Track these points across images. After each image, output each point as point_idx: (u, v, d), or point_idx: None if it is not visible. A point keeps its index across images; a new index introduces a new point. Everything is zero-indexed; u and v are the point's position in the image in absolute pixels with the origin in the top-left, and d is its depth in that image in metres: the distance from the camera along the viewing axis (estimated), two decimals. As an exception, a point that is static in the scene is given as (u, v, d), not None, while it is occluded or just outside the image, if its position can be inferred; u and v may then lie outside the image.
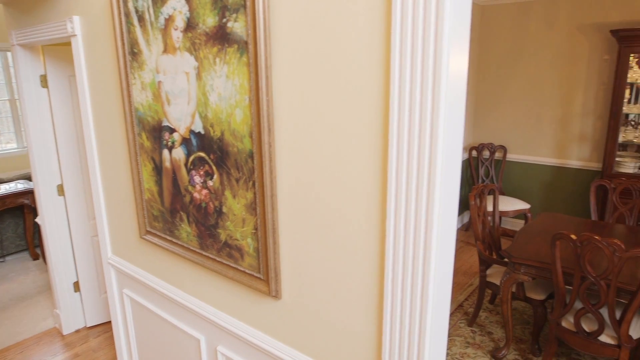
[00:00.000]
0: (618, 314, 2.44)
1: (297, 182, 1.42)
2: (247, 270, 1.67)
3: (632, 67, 4.28)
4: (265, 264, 1.58)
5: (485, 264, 3.23)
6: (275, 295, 1.59)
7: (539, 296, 2.94)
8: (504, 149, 5.15)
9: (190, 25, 1.59)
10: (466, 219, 5.60)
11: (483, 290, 3.30)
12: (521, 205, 4.77)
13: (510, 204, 4.76)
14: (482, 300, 3.33)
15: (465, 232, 5.31)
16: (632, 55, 4.17)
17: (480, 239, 3.20)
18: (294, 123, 1.38)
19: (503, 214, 4.73)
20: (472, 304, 3.69)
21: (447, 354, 3.07)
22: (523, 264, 2.76)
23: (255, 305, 1.72)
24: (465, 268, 4.37)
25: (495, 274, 3.21)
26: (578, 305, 2.58)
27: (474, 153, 5.17)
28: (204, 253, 1.85)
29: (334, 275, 1.40)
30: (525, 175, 5.15)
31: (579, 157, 4.81)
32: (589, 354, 2.75)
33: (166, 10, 1.66)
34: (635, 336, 2.50)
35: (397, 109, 1.11)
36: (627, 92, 4.38)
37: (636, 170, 4.36)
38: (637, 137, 4.42)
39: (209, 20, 1.51)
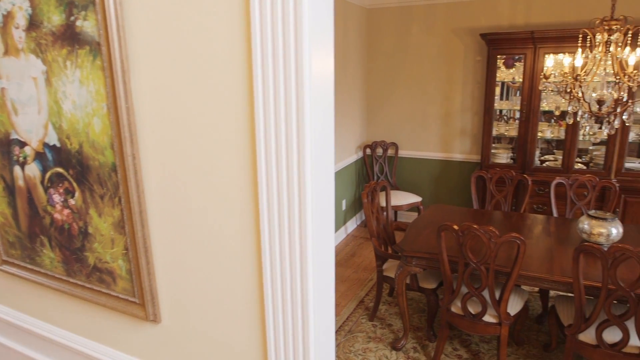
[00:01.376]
0: (497, 295, 2.64)
1: (168, 196, 1.31)
2: (121, 295, 1.52)
3: (500, 68, 4.70)
4: (139, 286, 1.44)
5: (381, 259, 3.33)
6: (154, 319, 1.46)
7: (430, 285, 3.10)
8: (395, 145, 5.40)
9: (33, 24, 1.39)
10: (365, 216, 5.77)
11: (381, 285, 3.40)
12: (414, 198, 5.03)
13: (403, 199, 4.99)
14: (380, 294, 3.43)
15: (364, 229, 5.47)
16: (499, 56, 4.58)
17: (375, 235, 3.29)
18: (159, 133, 1.26)
19: (397, 208, 4.95)
20: (372, 299, 3.79)
21: (350, 351, 3.11)
22: (414, 257, 2.88)
23: (134, 332, 1.56)
24: (366, 264, 4.49)
25: (391, 268, 3.32)
26: (464, 290, 2.74)
27: (368, 151, 5.34)
28: (71, 280, 1.64)
29: (214, 293, 1.31)
30: (416, 170, 5.44)
31: (461, 150, 5.19)
32: (476, 334, 2.95)
33: (3, 5, 1.44)
34: (512, 313, 2.73)
35: (262, 113, 1.05)
36: (498, 89, 4.82)
37: (508, 161, 4.81)
38: (507, 131, 4.88)
39: (54, 18, 1.33)
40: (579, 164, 4.65)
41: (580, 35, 2.77)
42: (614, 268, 2.23)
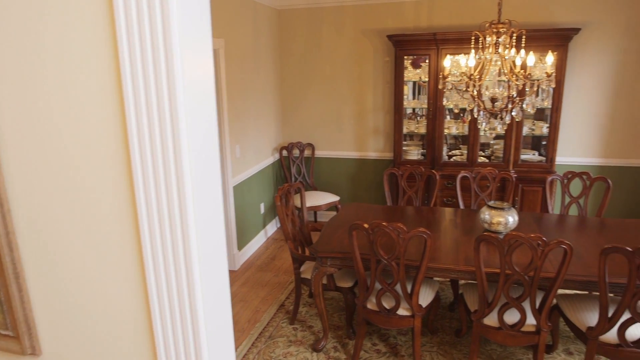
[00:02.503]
0: (409, 288, 2.73)
1: (41, 214, 1.17)
2: (-9, 329, 1.34)
3: (407, 68, 4.89)
4: (12, 317, 1.28)
5: (298, 261, 3.31)
6: (32, 352, 1.30)
7: (347, 284, 3.13)
8: (312, 146, 5.42)
9: None
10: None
11: (299, 288, 3.38)
12: (332, 198, 5.08)
13: (321, 199, 5.02)
14: (299, 297, 3.41)
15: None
16: (405, 57, 4.76)
17: (291, 237, 3.26)
18: (23, 142, 1.12)
19: (316, 208, 4.97)
20: (293, 302, 3.76)
21: (270, 358, 3.06)
22: (329, 257, 2.89)
23: (12, 369, 1.39)
24: (286, 266, 4.46)
25: (309, 270, 3.31)
26: (378, 286, 2.80)
27: (285, 152, 5.32)
28: None
29: (98, 317, 1.20)
30: (333, 170, 5.51)
31: (375, 148, 5.34)
32: (391, 328, 3.03)
33: None
34: (424, 304, 2.83)
35: (135, 129, 0.97)
36: (406, 89, 5.01)
37: (419, 157, 5.02)
38: (417, 128, 5.09)
39: None
40: (482, 158, 4.96)
41: (473, 37, 2.95)
42: (510, 254, 2.38)
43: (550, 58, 2.80)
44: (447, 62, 2.95)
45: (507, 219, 3.01)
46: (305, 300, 3.76)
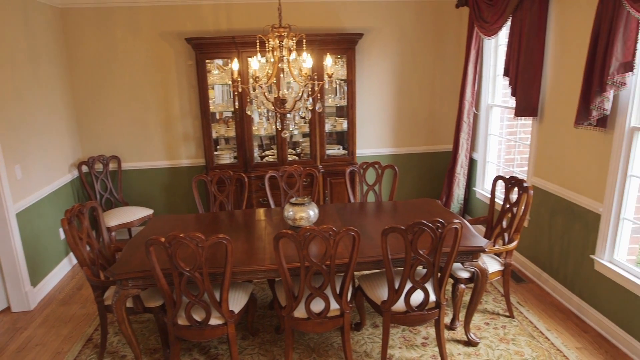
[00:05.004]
0: (218, 297, 2.68)
1: None
2: None
3: (211, 71, 4.82)
4: None
5: (100, 288, 2.99)
6: None
7: (157, 303, 2.93)
8: (117, 159, 4.98)
9: None
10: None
11: (104, 317, 3.05)
12: (144, 212, 4.75)
13: (133, 214, 4.65)
14: (106, 328, 3.08)
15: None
16: (207, 60, 4.68)
17: (88, 263, 2.92)
18: None
19: (129, 225, 4.59)
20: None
21: (72, 403, 2.70)
22: (130, 278, 2.66)
23: None
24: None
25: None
26: (186, 300, 2.69)
27: (85, 168, 4.78)
28: None
29: None
30: (145, 182, 5.15)
31: (187, 155, 5.15)
32: (205, 340, 2.93)
33: None
34: (237, 310, 2.81)
35: None
36: (212, 92, 4.94)
37: (232, 160, 5.01)
38: (227, 132, 5.07)
39: None
40: (293, 156, 5.18)
41: (258, 41, 3.02)
42: (306, 247, 2.50)
43: (329, 60, 3.03)
44: (235, 65, 2.97)
45: (309, 213, 3.17)
46: (117, 328, 3.43)
